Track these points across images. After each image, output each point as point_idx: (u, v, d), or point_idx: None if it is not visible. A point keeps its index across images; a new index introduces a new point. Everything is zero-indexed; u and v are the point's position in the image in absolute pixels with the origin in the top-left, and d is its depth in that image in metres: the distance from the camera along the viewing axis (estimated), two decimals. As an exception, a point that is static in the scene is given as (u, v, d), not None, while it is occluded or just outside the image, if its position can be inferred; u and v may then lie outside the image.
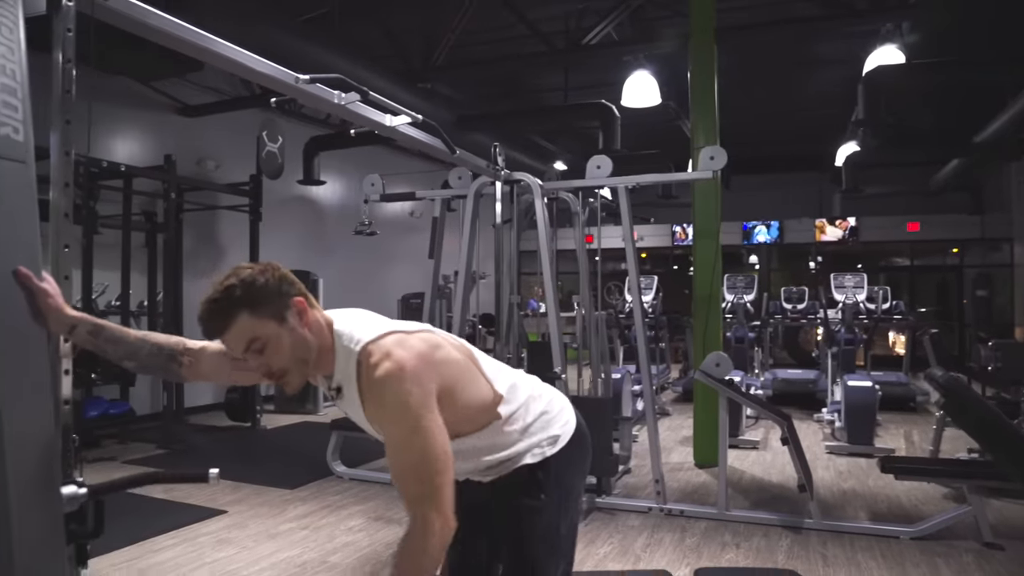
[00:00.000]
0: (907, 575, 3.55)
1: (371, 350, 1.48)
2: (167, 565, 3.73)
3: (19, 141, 1.47)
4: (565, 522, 1.72)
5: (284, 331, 1.48)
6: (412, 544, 1.43)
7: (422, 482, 1.43)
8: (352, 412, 1.62)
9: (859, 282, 8.25)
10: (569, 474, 1.74)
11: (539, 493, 1.66)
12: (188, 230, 7.96)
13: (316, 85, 2.72)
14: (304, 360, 1.52)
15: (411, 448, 1.44)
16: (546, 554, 1.68)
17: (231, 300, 1.44)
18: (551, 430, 1.73)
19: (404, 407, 1.44)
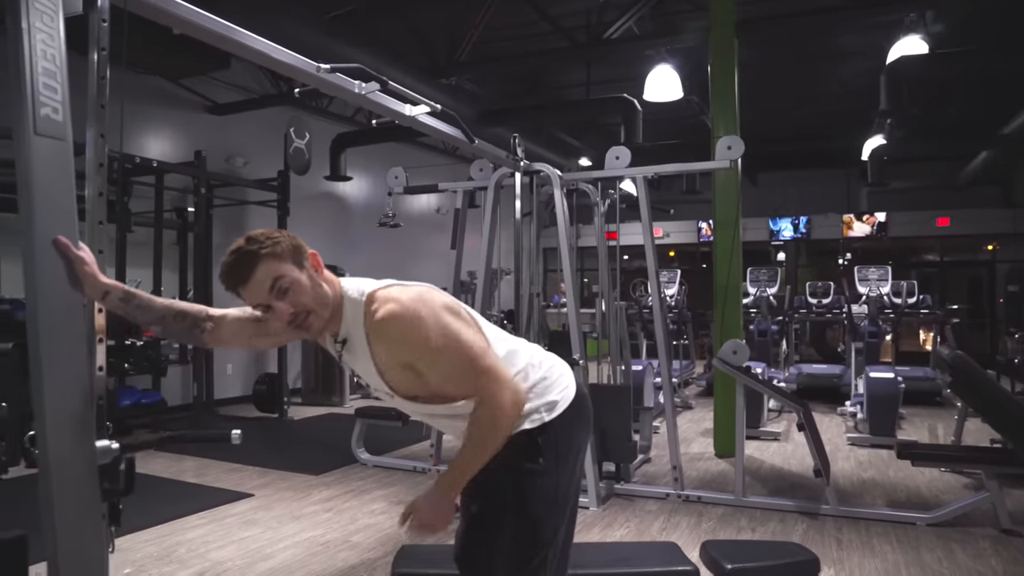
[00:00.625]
0: (922, 559, 3.56)
1: (376, 295, 1.61)
2: (196, 542, 3.86)
3: (59, 121, 1.58)
4: (564, 482, 1.78)
5: (304, 275, 1.59)
6: (482, 421, 1.57)
7: (472, 370, 1.58)
8: (360, 363, 1.69)
9: (883, 275, 8.19)
10: (567, 438, 1.79)
11: (538, 457, 1.72)
12: (217, 226, 8.13)
13: (336, 75, 2.82)
14: (323, 304, 1.61)
15: (446, 351, 1.57)
16: (545, 513, 1.73)
17: (253, 250, 1.55)
18: (549, 396, 1.77)
19: (421, 325, 1.55)
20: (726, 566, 2.24)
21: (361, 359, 1.67)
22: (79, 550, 1.56)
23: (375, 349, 1.62)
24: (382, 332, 1.58)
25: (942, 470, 5.20)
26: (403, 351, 1.59)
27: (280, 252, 1.57)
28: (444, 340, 1.57)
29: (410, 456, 5.73)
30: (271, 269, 1.55)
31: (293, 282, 1.56)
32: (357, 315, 1.62)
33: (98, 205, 1.87)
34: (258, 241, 1.56)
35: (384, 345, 1.60)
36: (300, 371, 9.03)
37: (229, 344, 1.87)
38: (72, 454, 1.55)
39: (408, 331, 1.56)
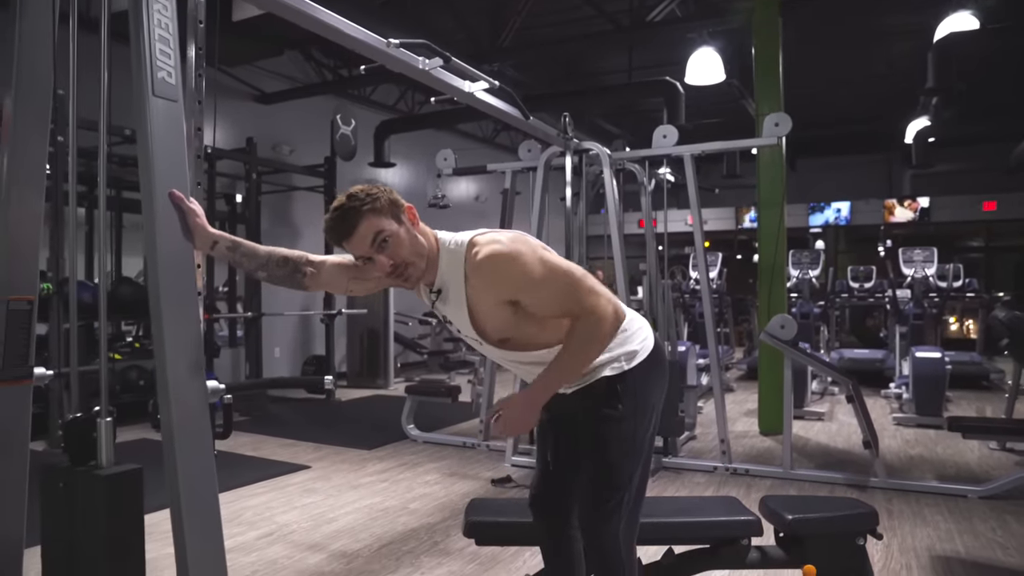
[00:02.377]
0: (975, 528, 3.59)
1: (476, 241, 1.72)
2: (260, 507, 4.02)
3: (172, 84, 1.71)
4: (641, 430, 1.85)
5: (402, 229, 1.70)
6: (583, 329, 1.68)
7: (574, 291, 1.69)
8: (453, 311, 1.79)
9: (928, 256, 8.11)
10: (646, 388, 1.86)
11: (617, 403, 1.80)
12: (265, 212, 8.34)
13: (402, 50, 2.93)
14: (420, 255, 1.72)
15: (549, 279, 1.68)
16: (621, 457, 1.82)
17: (355, 206, 1.67)
18: (629, 346, 1.85)
19: (523, 259, 1.66)
20: (787, 517, 2.31)
21: (455, 306, 1.76)
22: (196, 480, 1.70)
23: (472, 291, 1.71)
24: (485, 270, 1.67)
25: (991, 447, 5.18)
26: (505, 286, 1.68)
27: (380, 208, 1.67)
28: (545, 270, 1.67)
29: (458, 433, 5.86)
30: (372, 225, 1.66)
31: (392, 236, 1.68)
32: (456, 262, 1.71)
33: (197, 168, 2.01)
34: (359, 198, 1.67)
35: (484, 283, 1.69)
36: (346, 355, 9.23)
37: (327, 288, 1.98)
38: (188, 391, 1.69)
39: (511, 265, 1.65)
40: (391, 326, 8.89)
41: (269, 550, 3.36)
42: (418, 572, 3.09)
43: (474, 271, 1.68)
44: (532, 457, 4.93)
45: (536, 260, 1.67)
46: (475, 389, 5.68)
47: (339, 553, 3.32)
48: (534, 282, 1.67)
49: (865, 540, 2.34)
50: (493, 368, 5.48)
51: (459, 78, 3.37)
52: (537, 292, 1.68)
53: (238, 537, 3.53)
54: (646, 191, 5.28)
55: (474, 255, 1.68)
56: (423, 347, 9.96)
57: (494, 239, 1.70)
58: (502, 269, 1.66)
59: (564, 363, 1.70)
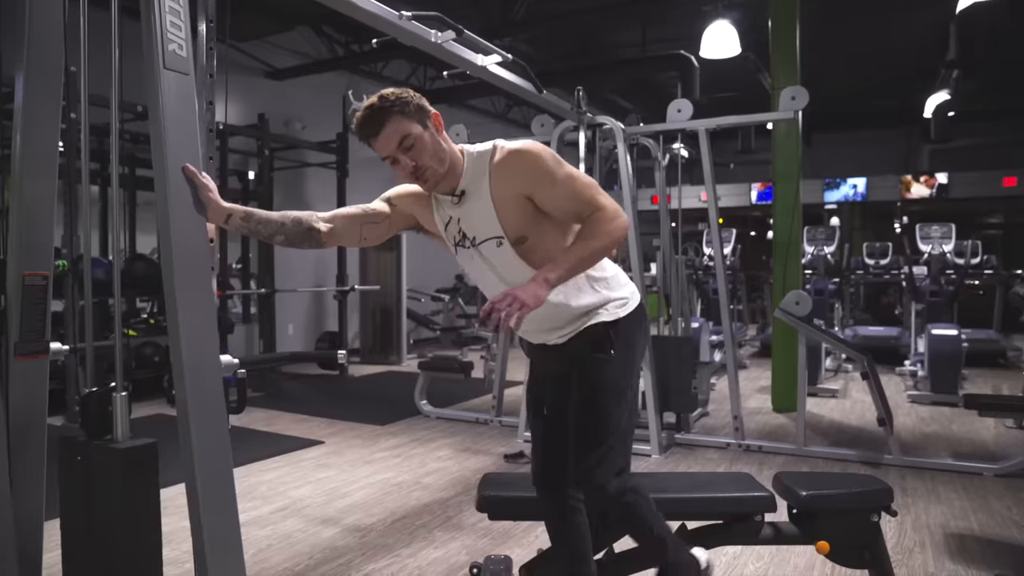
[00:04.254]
0: (990, 506, 3.57)
1: (499, 142, 1.84)
2: (275, 482, 4.06)
3: (183, 56, 1.69)
4: (629, 376, 1.94)
5: (427, 133, 1.76)
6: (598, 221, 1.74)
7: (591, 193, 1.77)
8: (475, 210, 1.83)
9: (946, 232, 8.00)
10: (633, 335, 1.95)
11: (609, 348, 1.87)
12: (277, 188, 8.34)
13: (414, 23, 2.90)
14: (441, 160, 1.78)
15: (569, 180, 1.77)
16: (613, 403, 1.88)
17: (385, 106, 1.73)
18: (622, 291, 1.95)
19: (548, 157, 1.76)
20: (801, 493, 2.30)
21: (478, 203, 1.81)
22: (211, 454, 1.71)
23: (495, 185, 1.78)
24: (508, 163, 1.76)
25: (1008, 425, 5.16)
26: (526, 179, 1.76)
27: (408, 111, 1.74)
28: (566, 172, 1.78)
29: (471, 409, 5.88)
30: (399, 127, 1.73)
31: (417, 139, 1.74)
32: (481, 162, 1.80)
33: (209, 142, 2.00)
34: (390, 100, 1.73)
35: (507, 175, 1.77)
36: (359, 331, 9.26)
37: (343, 241, 2.01)
38: (202, 366, 1.69)
39: (533, 159, 1.75)
40: (403, 302, 8.91)
41: (284, 524, 3.40)
42: (431, 546, 3.11)
43: (498, 166, 1.77)
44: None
45: (555, 160, 1.78)
46: (488, 365, 5.68)
47: (353, 527, 3.35)
48: (552, 178, 1.75)
49: (879, 517, 2.32)
50: (506, 344, 5.49)
51: (472, 51, 3.33)
52: (554, 188, 1.76)
53: (252, 511, 3.57)
54: (660, 166, 5.23)
55: (500, 151, 1.79)
56: (436, 323, 9.99)
57: (520, 141, 1.83)
58: (524, 161, 1.75)
59: (574, 253, 1.73)
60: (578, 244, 1.75)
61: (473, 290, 10.38)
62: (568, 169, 1.79)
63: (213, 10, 2.00)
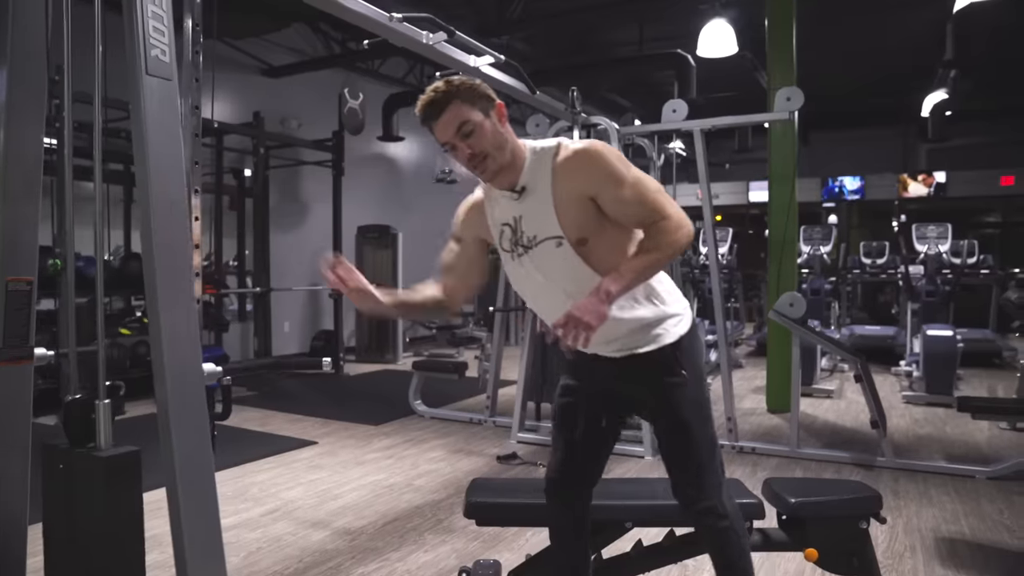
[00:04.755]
0: (981, 509, 3.57)
1: (564, 140, 1.78)
2: (266, 484, 4.05)
3: (166, 62, 1.68)
4: (704, 391, 1.92)
5: (488, 122, 1.72)
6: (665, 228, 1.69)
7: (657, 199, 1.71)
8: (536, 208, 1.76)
9: (943, 232, 8.00)
10: (697, 351, 1.92)
11: (680, 370, 1.84)
12: (273, 187, 8.33)
13: (406, 24, 2.88)
14: (501, 149, 1.73)
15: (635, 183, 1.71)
16: (699, 420, 1.87)
17: (449, 91, 1.70)
18: (676, 306, 1.89)
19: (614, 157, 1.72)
20: (790, 500, 2.29)
21: (539, 201, 1.75)
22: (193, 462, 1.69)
23: (558, 184, 1.72)
24: (573, 162, 1.71)
25: (1002, 427, 5.16)
26: (591, 178, 1.71)
27: (470, 98, 1.70)
28: (633, 173, 1.72)
29: (465, 409, 5.87)
30: (459, 112, 1.69)
31: (477, 126, 1.70)
32: (543, 159, 1.75)
33: (195, 174, 1.99)
34: (454, 85, 1.70)
35: (571, 174, 1.71)
36: (355, 329, 9.25)
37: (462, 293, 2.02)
38: (183, 371, 1.68)
39: (599, 159, 1.70)
40: (400, 301, 8.88)
41: (274, 526, 3.39)
42: (421, 549, 3.11)
43: (561, 164, 1.72)
44: (538, 433, 4.94)
45: (621, 161, 1.73)
46: (482, 365, 5.68)
47: (343, 530, 3.34)
48: (618, 179, 1.70)
49: (868, 524, 2.32)
50: (500, 342, 5.48)
51: (464, 52, 3.31)
52: (619, 190, 1.70)
53: (244, 513, 3.56)
54: (655, 166, 5.22)
55: (564, 149, 1.74)
56: (432, 322, 9.97)
57: (585, 140, 1.78)
58: (590, 161, 1.70)
59: (638, 262, 1.68)
60: (641, 255, 1.69)
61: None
62: (635, 171, 1.74)
63: (199, 11, 1.97)
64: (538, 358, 4.98)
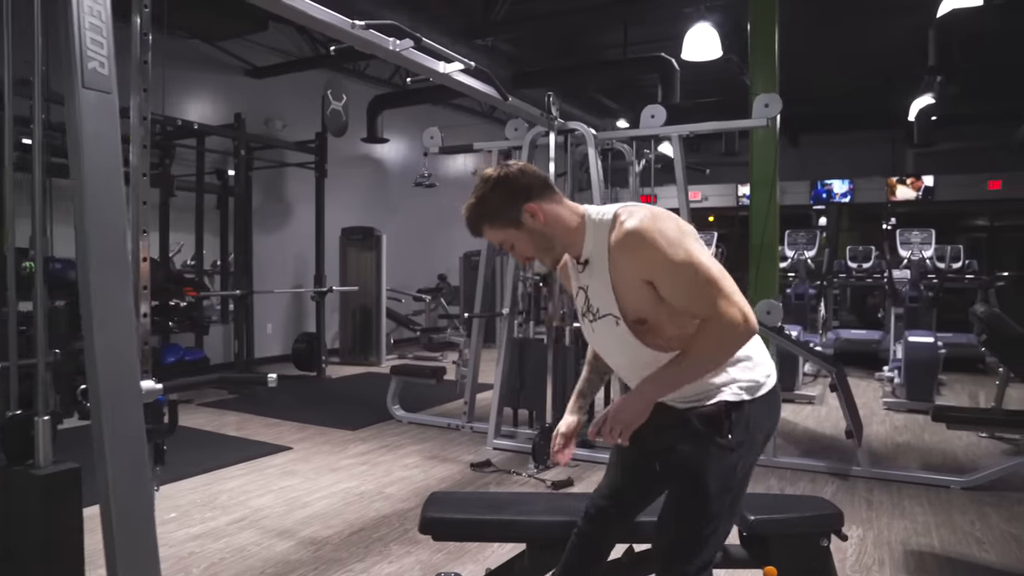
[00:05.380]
0: (953, 521, 3.55)
1: (621, 212, 1.68)
2: (236, 491, 4.01)
3: (105, 74, 1.64)
4: (744, 465, 1.77)
5: (523, 232, 1.73)
6: (710, 332, 1.60)
7: (709, 287, 1.58)
8: (597, 283, 1.73)
9: (926, 238, 8.01)
10: (758, 424, 1.77)
11: (728, 433, 1.70)
12: (257, 188, 8.26)
13: (371, 32, 2.85)
14: (549, 249, 1.77)
15: (687, 267, 1.59)
16: (718, 490, 1.72)
17: (475, 218, 1.75)
18: (753, 375, 1.75)
19: (664, 239, 1.59)
20: (749, 517, 2.26)
21: (599, 278, 1.72)
22: (128, 485, 1.66)
23: (615, 265, 1.66)
24: (624, 245, 1.63)
25: (980, 435, 5.14)
26: (644, 264, 1.62)
27: (495, 217, 1.73)
28: (684, 256, 1.59)
29: (444, 414, 5.84)
30: (493, 234, 1.77)
31: (515, 241, 1.76)
32: (601, 235, 1.69)
33: (142, 158, 1.94)
34: (476, 210, 1.74)
35: (624, 258, 1.64)
36: (338, 331, 9.21)
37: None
38: (119, 392, 1.64)
39: (650, 244, 1.59)
40: (383, 303, 8.85)
41: (239, 536, 3.35)
42: (385, 561, 3.08)
43: (616, 245, 1.65)
44: (515, 440, 4.91)
45: (677, 244, 1.60)
46: (460, 370, 5.65)
47: (309, 540, 3.31)
48: (670, 266, 1.59)
49: (829, 541, 2.30)
50: (478, 348, 5.45)
51: (434, 59, 3.27)
52: (671, 278, 1.61)
53: (211, 522, 3.52)
54: (634, 171, 5.19)
55: (617, 227, 1.65)
56: (417, 324, 9.94)
57: (636, 213, 1.65)
58: (641, 246, 1.61)
59: (682, 364, 1.64)
60: (689, 356, 1.63)
61: (456, 290, 10.32)
62: (688, 254, 1.59)
63: (147, 20, 1.91)
64: (515, 364, 4.95)
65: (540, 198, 1.73)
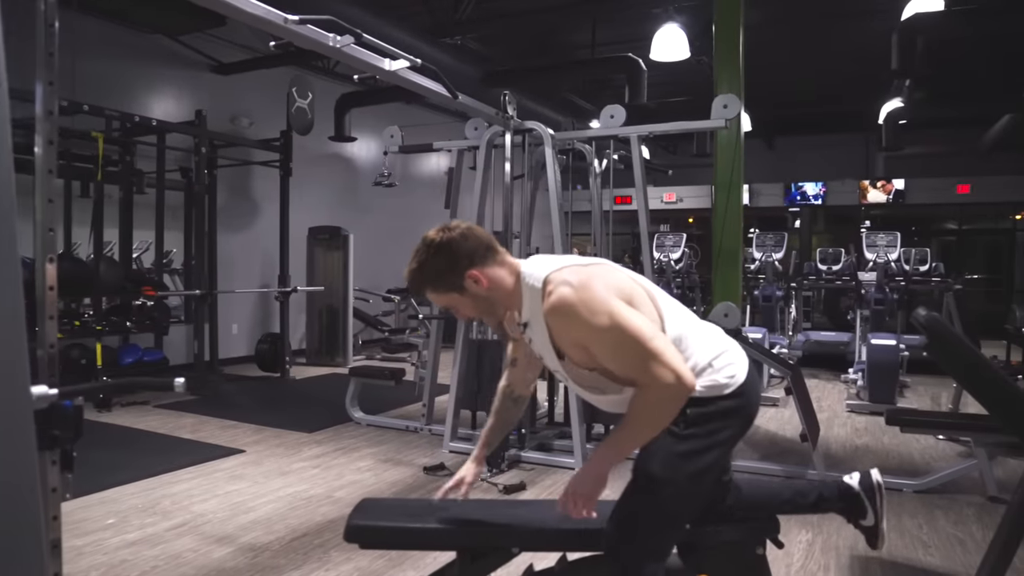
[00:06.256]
0: (902, 525, 3.54)
1: (550, 279, 1.71)
2: (181, 495, 3.92)
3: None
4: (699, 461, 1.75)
5: (465, 297, 1.79)
6: (642, 401, 1.65)
7: (639, 353, 1.61)
8: (540, 343, 1.80)
9: (892, 241, 8.03)
10: (718, 421, 1.77)
11: (680, 421, 1.71)
12: (223, 186, 8.14)
13: (308, 27, 2.77)
14: (490, 313, 1.84)
15: (613, 332, 1.62)
16: (668, 478, 1.73)
17: (417, 283, 1.80)
18: (714, 378, 1.76)
19: (589, 309, 1.63)
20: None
21: (540, 339, 1.78)
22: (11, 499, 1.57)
23: (551, 330, 1.72)
24: (553, 316, 1.68)
25: (938, 438, 5.15)
26: (574, 332, 1.68)
27: (437, 283, 1.78)
28: (609, 322, 1.62)
29: (403, 416, 5.76)
30: (436, 298, 1.83)
31: (457, 305, 1.83)
32: (535, 300, 1.74)
33: (48, 153, 1.85)
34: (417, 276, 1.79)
35: (557, 326, 1.70)
36: (305, 332, 9.10)
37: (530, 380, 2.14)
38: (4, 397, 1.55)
39: (575, 315, 1.64)
40: (350, 303, 8.76)
41: (177, 543, 3.26)
42: (323, 568, 3.00)
43: (547, 314, 1.70)
44: (472, 443, 4.84)
45: (601, 311, 1.63)
46: (418, 372, 5.58)
47: (248, 546, 3.23)
48: (596, 335, 1.64)
49: (764, 549, 2.26)
50: (437, 349, 5.38)
51: (378, 56, 3.20)
52: (600, 345, 1.67)
53: (148, 528, 3.43)
54: (595, 172, 5.15)
55: (546, 296, 1.70)
56: (385, 324, 9.84)
57: (564, 280, 1.68)
58: (567, 317, 1.66)
59: (624, 437, 1.70)
60: (628, 424, 1.68)
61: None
62: (612, 318, 1.62)
63: (54, 11, 1.83)
64: (472, 365, 4.89)
65: (483, 263, 1.77)
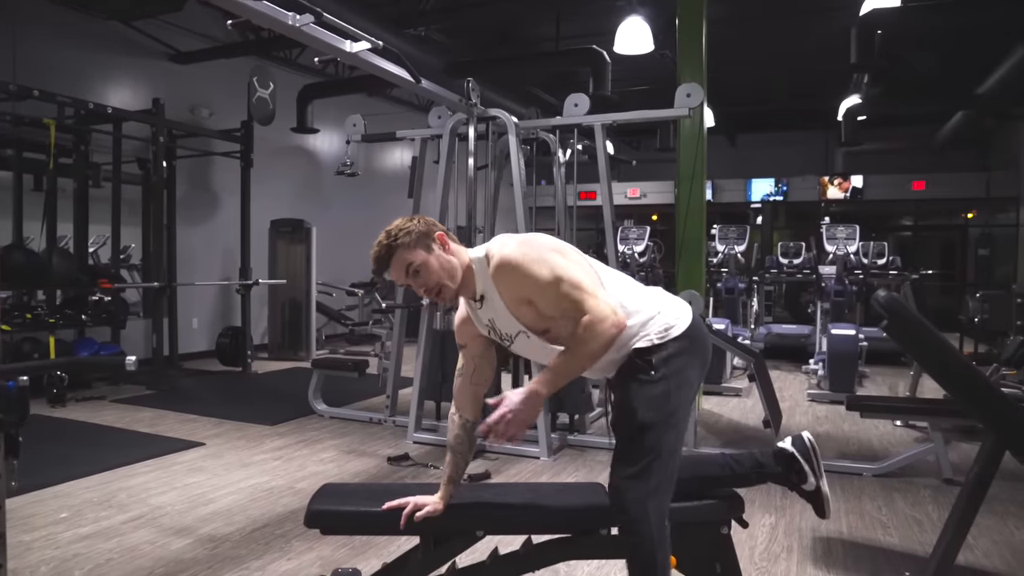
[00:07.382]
0: (862, 507, 3.59)
1: (492, 245, 1.90)
2: (138, 488, 3.82)
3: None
4: (675, 397, 1.90)
5: (432, 257, 1.86)
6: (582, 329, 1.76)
7: (574, 296, 1.79)
8: (497, 312, 1.90)
9: (851, 234, 8.18)
10: (679, 359, 1.92)
11: (650, 370, 1.88)
12: (182, 178, 7.98)
13: (266, 3, 2.71)
14: (452, 277, 1.88)
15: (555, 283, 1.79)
16: (653, 417, 1.86)
17: (389, 243, 1.85)
18: (662, 321, 1.92)
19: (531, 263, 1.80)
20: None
21: (496, 307, 1.89)
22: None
23: (502, 292, 1.85)
24: (501, 276, 1.83)
25: (896, 424, 5.25)
26: (520, 288, 1.82)
27: (410, 242, 1.85)
28: (549, 271, 1.79)
29: (367, 408, 5.70)
30: (404, 258, 1.85)
31: (422, 265, 1.86)
32: (484, 270, 1.87)
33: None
34: (392, 235, 1.85)
35: (505, 284, 1.83)
36: (267, 326, 8.96)
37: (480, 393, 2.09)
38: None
39: (516, 271, 1.80)
40: (313, 297, 8.64)
41: (133, 535, 3.18)
42: (285, 557, 2.95)
43: (494, 275, 1.85)
44: (436, 434, 4.81)
45: (540, 261, 1.80)
46: (381, 363, 5.52)
47: (207, 537, 3.15)
48: (538, 285, 1.80)
49: (730, 528, 2.27)
50: (400, 340, 5.33)
51: (339, 37, 3.15)
52: (541, 293, 1.81)
53: (104, 521, 3.34)
54: (558, 163, 5.14)
55: (492, 260, 1.85)
56: (348, 318, 9.73)
57: (504, 243, 1.87)
58: (512, 272, 1.81)
59: (561, 364, 1.81)
60: (565, 355, 1.81)
61: (391, 284, 10.13)
62: (553, 268, 1.80)
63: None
64: (436, 356, 4.85)
65: (445, 234, 1.92)
